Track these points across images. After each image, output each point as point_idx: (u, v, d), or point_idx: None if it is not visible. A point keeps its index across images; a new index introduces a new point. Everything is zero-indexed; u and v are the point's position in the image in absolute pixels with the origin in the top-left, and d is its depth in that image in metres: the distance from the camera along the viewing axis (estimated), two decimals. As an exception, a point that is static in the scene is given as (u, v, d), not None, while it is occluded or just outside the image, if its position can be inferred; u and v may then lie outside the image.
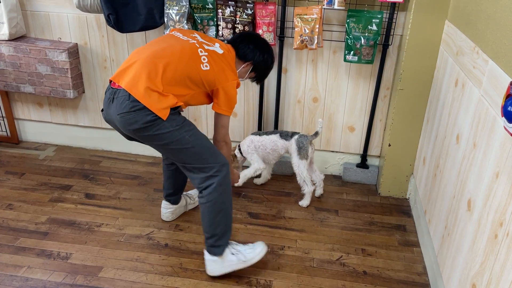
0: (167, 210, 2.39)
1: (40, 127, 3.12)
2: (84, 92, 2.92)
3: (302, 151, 2.47)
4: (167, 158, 2.25)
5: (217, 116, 2.01)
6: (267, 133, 2.57)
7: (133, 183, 2.75)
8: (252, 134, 2.61)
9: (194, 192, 2.54)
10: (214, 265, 2.01)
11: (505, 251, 1.32)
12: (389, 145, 2.58)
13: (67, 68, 2.69)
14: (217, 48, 1.97)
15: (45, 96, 2.89)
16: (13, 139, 3.12)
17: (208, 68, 1.87)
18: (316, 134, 2.50)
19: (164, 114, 1.78)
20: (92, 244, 2.22)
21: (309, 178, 2.53)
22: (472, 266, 1.57)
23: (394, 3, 2.36)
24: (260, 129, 2.82)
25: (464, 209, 1.70)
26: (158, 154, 3.04)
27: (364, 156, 2.80)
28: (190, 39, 1.94)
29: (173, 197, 2.36)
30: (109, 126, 3.00)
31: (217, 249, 1.99)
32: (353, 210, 2.57)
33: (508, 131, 1.20)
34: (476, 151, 1.63)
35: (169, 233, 2.31)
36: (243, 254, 2.03)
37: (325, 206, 2.59)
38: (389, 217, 2.52)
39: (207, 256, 2.02)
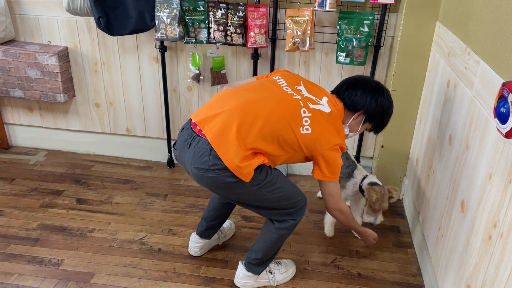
0: (196, 244, 2.14)
1: (30, 131, 3.09)
2: (74, 96, 2.89)
3: None
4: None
5: (322, 184, 1.76)
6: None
7: (125, 187, 2.72)
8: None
9: (226, 225, 2.30)
10: (247, 279, 1.98)
11: (499, 252, 1.32)
12: (382, 146, 2.58)
13: (57, 72, 2.67)
14: (324, 105, 1.72)
15: (35, 100, 2.86)
16: (3, 144, 3.09)
17: (309, 132, 1.64)
18: None
19: (247, 178, 1.61)
20: (84, 250, 2.19)
21: None
22: (467, 268, 1.56)
23: (385, 5, 2.37)
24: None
25: (458, 210, 1.70)
26: (150, 158, 3.02)
27: (357, 157, 2.80)
28: (294, 94, 1.70)
29: (208, 231, 2.13)
30: (100, 130, 2.98)
31: (257, 268, 1.96)
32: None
33: (501, 132, 1.20)
34: (469, 152, 1.63)
35: (162, 238, 2.29)
36: (276, 274, 2.01)
37: (319, 208, 2.58)
38: (383, 218, 2.52)
39: (242, 269, 1.97)
